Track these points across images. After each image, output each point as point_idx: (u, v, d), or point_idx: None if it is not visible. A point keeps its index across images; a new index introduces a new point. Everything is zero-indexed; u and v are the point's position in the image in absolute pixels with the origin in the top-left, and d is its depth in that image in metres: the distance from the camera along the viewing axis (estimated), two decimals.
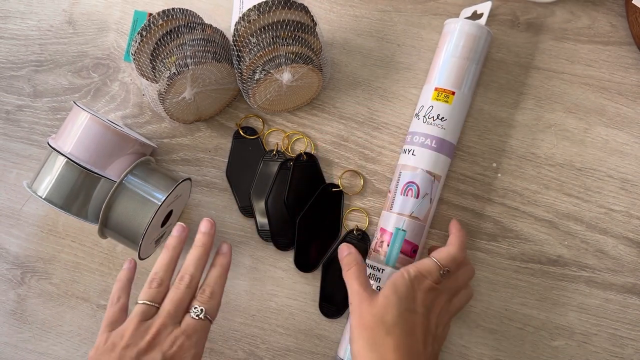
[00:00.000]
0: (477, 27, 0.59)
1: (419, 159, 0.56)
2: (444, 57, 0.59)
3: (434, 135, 0.56)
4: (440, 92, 0.56)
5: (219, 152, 0.68)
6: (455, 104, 0.57)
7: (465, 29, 0.59)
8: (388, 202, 0.58)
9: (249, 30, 0.59)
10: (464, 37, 0.58)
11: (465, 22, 0.59)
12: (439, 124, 0.56)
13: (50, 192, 0.60)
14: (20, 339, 0.68)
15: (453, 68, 0.58)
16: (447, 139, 0.57)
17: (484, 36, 0.59)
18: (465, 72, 0.58)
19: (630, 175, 0.63)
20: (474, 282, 0.63)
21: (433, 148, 0.56)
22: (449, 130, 0.57)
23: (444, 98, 0.56)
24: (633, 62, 0.65)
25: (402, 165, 0.58)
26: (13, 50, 0.73)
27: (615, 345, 0.61)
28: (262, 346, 0.64)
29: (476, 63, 0.59)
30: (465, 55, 0.58)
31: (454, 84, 0.57)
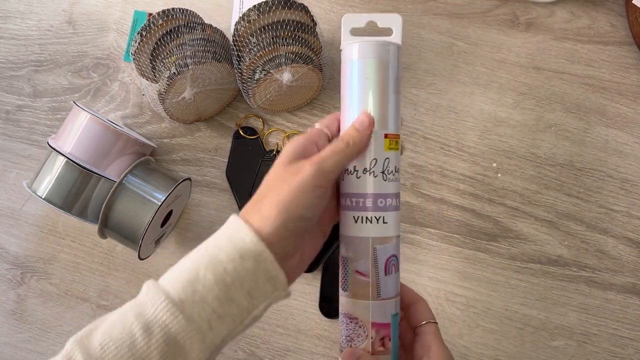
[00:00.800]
0: (391, 50, 0.43)
1: (391, 226, 0.44)
2: (383, 93, 0.43)
3: (397, 193, 0.44)
4: (391, 140, 0.44)
5: (219, 152, 0.68)
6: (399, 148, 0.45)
7: (391, 54, 0.43)
8: (370, 289, 0.43)
9: (249, 30, 0.59)
10: (397, 66, 0.44)
11: (389, 47, 0.43)
12: (397, 176, 0.44)
13: (50, 192, 0.60)
14: (20, 339, 0.68)
15: (395, 107, 0.44)
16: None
17: (396, 54, 0.44)
18: (396, 107, 0.44)
19: (630, 176, 0.63)
20: (474, 282, 0.63)
21: (398, 207, 0.44)
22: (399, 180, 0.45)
23: (395, 145, 0.44)
24: (633, 62, 0.65)
25: (372, 239, 0.43)
26: (13, 50, 0.73)
27: (615, 345, 0.61)
28: (262, 346, 0.64)
29: (398, 92, 0.44)
30: (398, 88, 0.44)
31: (396, 125, 0.44)
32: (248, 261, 0.37)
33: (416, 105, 0.66)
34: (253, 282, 0.37)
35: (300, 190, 0.38)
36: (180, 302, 0.35)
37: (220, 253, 0.37)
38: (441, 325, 0.62)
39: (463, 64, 0.66)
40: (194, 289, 0.36)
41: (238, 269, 0.37)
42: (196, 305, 0.36)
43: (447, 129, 0.65)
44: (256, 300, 0.38)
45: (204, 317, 0.36)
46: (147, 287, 0.37)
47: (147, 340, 0.34)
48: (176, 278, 0.37)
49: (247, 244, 0.37)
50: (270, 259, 0.37)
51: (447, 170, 0.65)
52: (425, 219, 0.64)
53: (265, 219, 0.38)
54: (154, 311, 0.35)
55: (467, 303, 0.63)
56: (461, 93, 0.66)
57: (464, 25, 0.67)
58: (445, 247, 0.64)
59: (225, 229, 0.39)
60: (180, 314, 0.35)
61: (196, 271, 0.36)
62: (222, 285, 0.36)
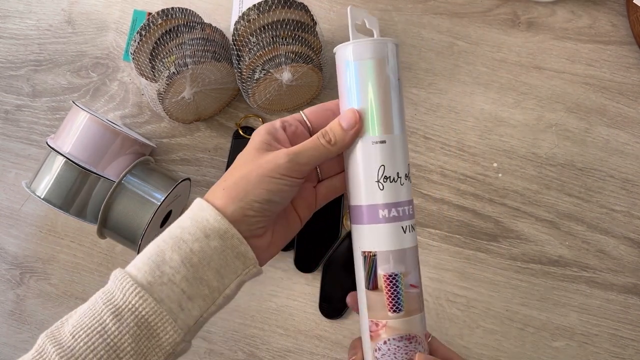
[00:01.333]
0: (388, 46, 0.40)
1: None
2: (386, 95, 0.39)
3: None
4: None
5: (219, 152, 0.68)
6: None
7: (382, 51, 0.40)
8: (421, 300, 0.40)
9: (248, 29, 0.59)
10: (396, 65, 0.40)
11: (386, 46, 0.40)
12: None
13: (49, 192, 0.60)
14: (19, 339, 0.68)
15: (400, 106, 0.40)
16: None
17: (394, 52, 0.40)
18: (403, 108, 0.41)
19: (631, 175, 0.63)
20: (475, 283, 0.63)
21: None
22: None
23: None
24: (634, 62, 0.65)
25: (415, 247, 0.40)
26: (12, 49, 0.73)
27: (616, 345, 0.61)
28: (262, 347, 0.64)
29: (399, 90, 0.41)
30: (400, 88, 0.41)
31: (403, 125, 0.41)
32: (214, 240, 0.37)
33: (416, 105, 0.66)
34: (221, 260, 0.37)
35: (269, 175, 0.38)
36: (148, 285, 0.36)
37: (184, 234, 0.37)
38: (441, 326, 0.62)
39: (463, 63, 0.66)
40: (162, 271, 0.36)
41: (204, 248, 0.37)
42: (165, 287, 0.36)
43: (448, 128, 0.65)
44: (227, 278, 0.37)
45: (174, 298, 0.36)
46: (114, 275, 0.37)
47: (117, 325, 0.35)
48: (143, 262, 0.37)
49: (211, 223, 0.37)
50: (236, 235, 0.37)
51: (447, 170, 0.65)
52: (425, 219, 0.64)
53: (229, 197, 0.38)
54: (122, 296, 0.35)
55: (467, 303, 0.63)
56: (462, 93, 0.66)
57: (464, 24, 0.67)
58: (445, 248, 0.63)
59: (190, 211, 0.38)
60: (150, 296, 0.35)
61: (162, 254, 0.36)
62: (190, 266, 0.36)
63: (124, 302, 0.35)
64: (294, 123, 0.41)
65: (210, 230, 0.37)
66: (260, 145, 0.39)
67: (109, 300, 0.35)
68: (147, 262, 0.36)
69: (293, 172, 0.38)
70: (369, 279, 0.39)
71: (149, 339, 0.35)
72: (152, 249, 0.37)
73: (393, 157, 0.39)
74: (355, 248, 0.40)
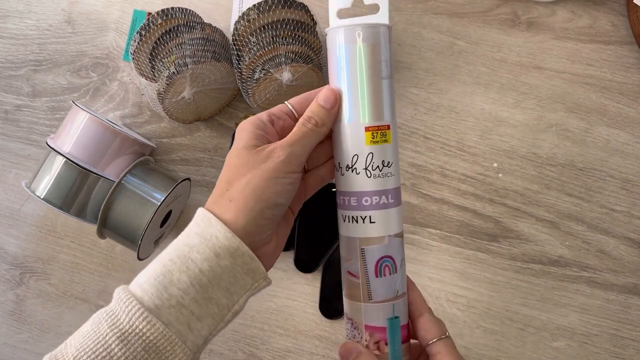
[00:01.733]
0: (380, 30, 0.39)
1: (381, 225, 0.40)
2: (374, 81, 0.39)
3: (388, 189, 0.40)
4: (375, 133, 0.40)
5: (219, 152, 0.68)
6: (394, 138, 0.41)
7: (374, 35, 0.39)
8: (361, 291, 0.41)
9: (248, 29, 0.59)
10: (388, 50, 0.40)
11: (378, 29, 0.40)
12: (387, 172, 0.40)
13: (49, 192, 0.60)
14: (19, 339, 0.67)
15: (388, 94, 0.40)
16: (399, 185, 0.42)
17: (387, 36, 0.40)
18: (389, 93, 0.40)
19: (631, 176, 0.63)
20: (475, 283, 0.63)
21: (392, 204, 0.40)
22: (397, 173, 0.41)
23: (382, 138, 0.40)
24: (634, 62, 0.65)
25: (360, 239, 0.41)
26: (12, 49, 0.73)
27: (616, 345, 0.61)
28: (261, 347, 0.64)
29: (390, 77, 0.41)
30: (385, 72, 0.40)
31: (385, 114, 0.40)
32: (224, 259, 0.35)
33: (416, 105, 0.66)
34: (231, 278, 0.36)
35: (273, 177, 0.36)
36: (156, 309, 0.34)
37: (193, 253, 0.35)
38: None
39: (464, 63, 0.66)
40: (170, 293, 0.34)
41: (214, 268, 0.35)
42: (173, 310, 0.34)
43: (448, 128, 0.65)
44: (235, 295, 0.36)
45: (183, 320, 0.35)
46: (118, 296, 0.35)
47: (124, 350, 0.33)
48: (149, 283, 0.35)
49: (221, 241, 0.35)
50: (247, 252, 0.36)
51: (447, 170, 0.65)
52: (425, 219, 0.64)
53: (239, 209, 0.36)
54: (128, 320, 0.34)
55: (467, 304, 0.63)
56: (462, 93, 0.66)
57: (464, 24, 0.67)
58: (445, 248, 0.63)
59: (196, 226, 0.37)
60: (158, 320, 0.34)
61: (170, 275, 0.35)
62: (199, 287, 0.35)
63: (130, 327, 0.34)
64: (281, 116, 0.40)
65: (220, 249, 0.35)
66: (250, 142, 0.38)
67: (114, 324, 0.34)
68: (153, 283, 0.35)
69: (293, 167, 0.37)
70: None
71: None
72: (158, 269, 0.35)
73: (343, 146, 0.40)
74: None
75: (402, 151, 0.65)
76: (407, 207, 0.64)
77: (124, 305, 0.34)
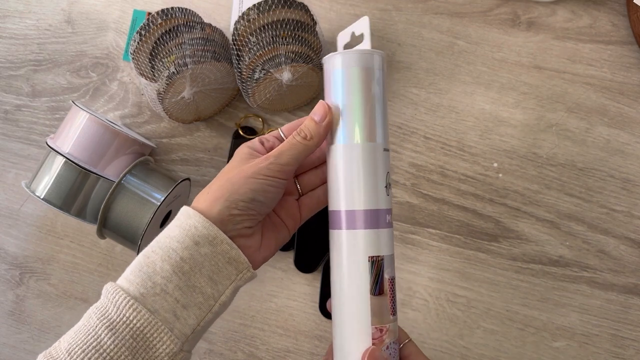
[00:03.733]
0: (374, 56, 0.40)
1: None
2: (371, 105, 0.40)
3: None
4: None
5: (219, 151, 0.68)
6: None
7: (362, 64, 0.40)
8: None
9: (248, 29, 0.59)
10: (382, 77, 0.41)
11: (373, 56, 0.40)
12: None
13: (49, 192, 0.60)
14: (19, 339, 0.67)
15: (385, 118, 0.41)
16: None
17: (380, 62, 0.41)
18: (384, 116, 0.41)
19: (632, 176, 0.63)
20: (475, 283, 0.63)
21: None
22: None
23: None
24: (635, 62, 0.64)
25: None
26: (12, 49, 0.73)
27: (616, 346, 0.61)
28: (261, 347, 0.64)
29: (383, 102, 0.41)
30: (385, 100, 0.41)
31: (385, 135, 0.41)
32: (203, 246, 0.37)
33: (417, 105, 0.66)
34: (213, 266, 0.37)
35: (251, 176, 0.38)
36: (141, 297, 0.36)
37: (173, 242, 0.37)
38: (442, 326, 0.62)
39: (464, 63, 0.66)
40: (154, 281, 0.36)
41: (194, 256, 0.37)
42: (158, 297, 0.36)
43: (448, 128, 0.65)
44: (220, 285, 0.37)
45: (168, 307, 0.36)
46: (106, 289, 0.37)
47: (113, 339, 0.35)
48: (134, 274, 0.37)
49: (200, 230, 0.37)
50: (226, 240, 0.37)
51: (447, 170, 0.65)
52: (425, 219, 0.64)
53: (214, 198, 0.38)
54: (116, 310, 0.35)
55: (467, 304, 0.62)
56: (462, 92, 0.66)
57: (464, 24, 0.67)
58: (446, 248, 0.63)
59: (177, 220, 0.39)
60: (143, 308, 0.35)
61: (152, 265, 0.36)
62: (181, 274, 0.36)
63: (118, 316, 0.35)
64: (271, 139, 0.43)
65: (199, 237, 0.37)
66: (243, 156, 0.40)
67: (103, 315, 0.35)
68: (138, 273, 0.36)
69: (276, 173, 0.39)
70: (375, 284, 0.38)
71: (145, 350, 0.35)
72: (141, 260, 0.37)
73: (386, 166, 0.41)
74: (352, 253, 0.39)
75: (402, 151, 0.65)
76: (407, 207, 0.64)
77: (112, 297, 0.36)
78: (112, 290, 0.36)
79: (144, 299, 0.36)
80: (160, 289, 0.36)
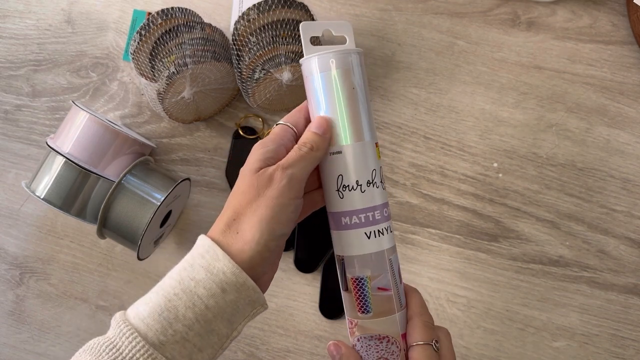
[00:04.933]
0: (352, 56, 0.41)
1: (393, 233, 0.43)
2: (355, 103, 0.41)
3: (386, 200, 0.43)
4: (377, 149, 0.42)
5: (219, 151, 0.68)
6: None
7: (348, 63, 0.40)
8: (395, 302, 0.41)
9: (248, 29, 0.59)
10: (362, 74, 0.41)
11: (350, 56, 0.41)
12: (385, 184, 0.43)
13: (49, 192, 0.60)
14: (19, 339, 0.67)
15: (370, 115, 0.42)
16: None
17: (358, 60, 0.41)
18: (372, 115, 0.43)
19: (631, 176, 0.63)
20: (475, 283, 0.63)
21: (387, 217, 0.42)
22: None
23: (379, 154, 0.43)
24: (635, 62, 0.64)
25: (386, 250, 0.41)
26: (12, 49, 0.73)
27: (616, 346, 0.61)
28: (261, 347, 0.64)
29: (366, 98, 0.42)
30: (367, 96, 0.42)
31: (372, 132, 0.42)
32: (230, 294, 0.36)
33: (417, 105, 0.66)
34: (234, 310, 0.36)
35: (278, 204, 0.37)
36: (160, 345, 0.34)
37: (199, 288, 0.35)
38: (442, 326, 0.62)
39: (464, 63, 0.66)
40: (175, 329, 0.35)
41: (220, 303, 0.36)
42: (177, 345, 0.35)
43: (448, 128, 0.65)
44: (235, 324, 0.37)
45: (185, 354, 0.35)
46: (120, 330, 0.35)
47: None
48: (153, 318, 0.35)
49: (229, 277, 0.36)
50: (252, 286, 0.36)
51: (447, 170, 0.65)
52: (425, 219, 0.64)
53: (246, 242, 0.36)
54: (132, 356, 0.34)
55: (468, 304, 0.62)
56: (462, 92, 0.66)
57: (464, 24, 0.67)
58: (446, 248, 0.63)
59: (202, 258, 0.36)
60: (162, 356, 0.34)
61: (175, 310, 0.35)
62: (204, 322, 0.35)
63: None
64: (282, 135, 0.41)
65: (227, 285, 0.35)
66: (255, 165, 0.39)
67: (116, 359, 0.34)
68: (158, 319, 0.35)
69: (295, 191, 0.38)
70: (342, 280, 0.42)
71: None
72: (162, 303, 0.35)
73: (352, 166, 0.40)
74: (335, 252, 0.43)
75: (402, 151, 0.65)
76: (407, 207, 0.64)
77: (127, 340, 0.34)
78: (128, 333, 0.34)
79: (163, 348, 0.34)
80: (181, 337, 0.35)
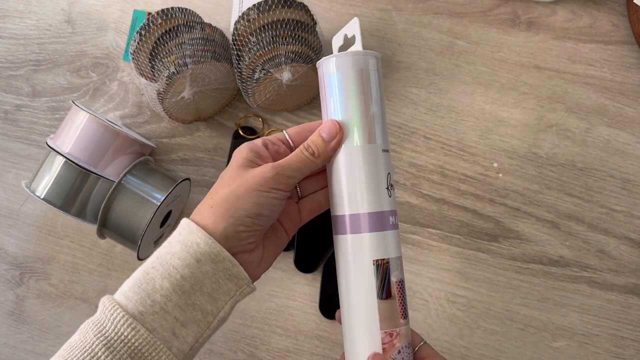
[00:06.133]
0: (370, 62, 0.40)
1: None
2: (368, 107, 0.40)
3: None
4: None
5: (219, 151, 0.68)
6: None
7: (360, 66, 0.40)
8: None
9: (248, 29, 0.59)
10: (378, 79, 0.41)
11: (367, 58, 0.40)
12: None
13: (49, 192, 0.60)
14: (19, 339, 0.67)
15: (382, 120, 0.41)
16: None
17: (375, 63, 0.41)
18: (382, 117, 0.41)
19: (631, 176, 0.63)
20: (475, 283, 0.63)
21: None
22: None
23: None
24: (635, 62, 0.64)
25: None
26: (12, 49, 0.73)
27: (616, 346, 0.61)
28: (261, 347, 0.64)
29: (381, 104, 0.41)
30: (383, 101, 0.41)
31: (385, 136, 0.41)
32: (205, 264, 0.36)
33: (417, 105, 0.66)
34: (214, 284, 0.36)
35: (256, 189, 0.37)
36: (140, 315, 0.35)
37: (174, 259, 0.36)
38: (442, 326, 0.62)
39: (464, 63, 0.66)
40: (153, 299, 0.35)
41: (195, 274, 0.36)
42: (157, 316, 0.35)
43: (448, 128, 0.65)
44: (219, 301, 0.37)
45: (167, 326, 0.35)
46: (103, 304, 0.36)
47: (110, 357, 0.34)
48: (132, 290, 0.36)
49: (202, 247, 0.36)
50: (228, 257, 0.36)
51: (447, 170, 0.65)
52: (425, 219, 0.64)
53: (219, 215, 0.37)
54: (113, 327, 0.34)
55: (467, 304, 0.62)
56: (462, 92, 0.66)
57: (464, 24, 0.67)
58: (446, 248, 0.63)
59: (178, 234, 0.37)
60: (142, 326, 0.35)
61: (152, 282, 0.36)
62: (181, 292, 0.36)
63: (115, 334, 0.34)
64: (276, 142, 0.41)
65: (201, 255, 0.36)
66: (243, 162, 0.39)
67: (100, 332, 0.35)
68: (137, 290, 0.36)
69: (280, 185, 0.38)
70: (382, 288, 0.38)
71: None
72: (141, 277, 0.36)
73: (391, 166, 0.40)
74: (357, 258, 0.39)
75: (402, 151, 0.65)
76: (407, 207, 0.64)
77: (109, 313, 0.35)
78: (110, 306, 0.35)
79: (142, 318, 0.35)
80: (160, 308, 0.35)
